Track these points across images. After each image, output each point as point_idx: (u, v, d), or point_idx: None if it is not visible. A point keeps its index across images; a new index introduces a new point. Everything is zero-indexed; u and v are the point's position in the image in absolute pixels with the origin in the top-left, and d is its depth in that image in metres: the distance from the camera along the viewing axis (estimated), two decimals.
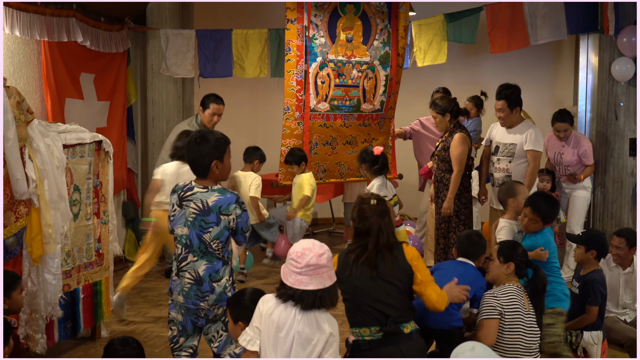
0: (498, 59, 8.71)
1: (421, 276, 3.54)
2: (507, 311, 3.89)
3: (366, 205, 3.57)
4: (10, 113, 3.98)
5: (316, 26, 7.03)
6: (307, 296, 2.95)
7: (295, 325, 2.95)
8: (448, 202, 6.10)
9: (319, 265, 2.97)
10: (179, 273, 3.68)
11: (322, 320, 2.99)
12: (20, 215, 4.18)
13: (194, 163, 3.70)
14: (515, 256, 4.08)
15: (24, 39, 5.76)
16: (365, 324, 3.47)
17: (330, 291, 3.01)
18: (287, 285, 2.98)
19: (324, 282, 2.98)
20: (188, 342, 3.75)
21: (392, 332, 3.44)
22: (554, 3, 7.12)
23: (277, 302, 3.02)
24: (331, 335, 2.99)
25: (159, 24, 7.62)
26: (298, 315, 2.97)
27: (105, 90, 7.09)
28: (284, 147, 7.13)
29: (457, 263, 4.23)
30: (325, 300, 2.99)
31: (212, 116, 6.73)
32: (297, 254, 2.99)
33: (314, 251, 2.98)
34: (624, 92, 7.10)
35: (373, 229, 3.51)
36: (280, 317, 2.98)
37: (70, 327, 4.91)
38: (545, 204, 4.54)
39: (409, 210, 9.35)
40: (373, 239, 3.50)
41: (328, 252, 3.03)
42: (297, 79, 7.05)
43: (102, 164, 5.15)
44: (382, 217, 3.54)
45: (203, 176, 3.70)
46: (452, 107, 6.20)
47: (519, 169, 6.08)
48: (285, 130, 7.13)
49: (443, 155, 6.22)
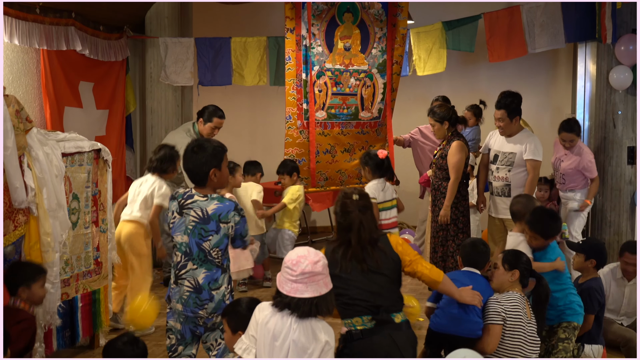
0: (496, 67, 8.73)
1: (409, 257, 3.60)
2: (510, 318, 3.89)
3: (348, 200, 3.59)
4: (9, 122, 3.98)
5: (313, 35, 7.05)
6: (303, 304, 2.95)
7: (291, 334, 2.95)
8: (445, 210, 6.12)
9: (315, 273, 2.97)
10: (177, 281, 3.67)
11: (318, 329, 2.99)
12: (18, 224, 4.18)
13: (191, 172, 3.70)
14: (520, 264, 4.09)
15: (23, 47, 5.76)
16: (357, 314, 3.47)
17: (327, 298, 3.01)
18: (283, 294, 2.98)
19: (319, 290, 2.98)
20: (186, 351, 3.74)
21: (384, 320, 3.45)
22: (552, 11, 7.15)
23: (273, 311, 3.01)
24: (327, 344, 2.99)
25: (158, 32, 7.63)
26: (294, 324, 2.96)
27: (104, 98, 7.10)
28: (286, 156, 7.14)
29: (465, 273, 4.21)
30: (321, 307, 2.99)
31: (213, 129, 6.71)
32: (292, 262, 2.99)
33: (309, 259, 2.99)
34: (622, 101, 7.11)
35: (354, 223, 3.54)
36: (276, 326, 2.97)
37: (69, 336, 4.89)
38: (543, 221, 4.54)
39: (408, 219, 9.35)
40: (355, 234, 3.53)
41: (323, 260, 3.04)
42: (297, 87, 7.07)
43: (101, 172, 5.15)
44: (364, 212, 3.57)
45: (201, 185, 3.70)
46: (450, 115, 6.21)
47: (518, 178, 6.08)
48: (287, 139, 7.15)
49: (440, 163, 6.24)
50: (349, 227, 3.55)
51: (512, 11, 7.26)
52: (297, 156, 7.17)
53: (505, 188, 6.13)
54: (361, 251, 3.51)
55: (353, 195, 3.60)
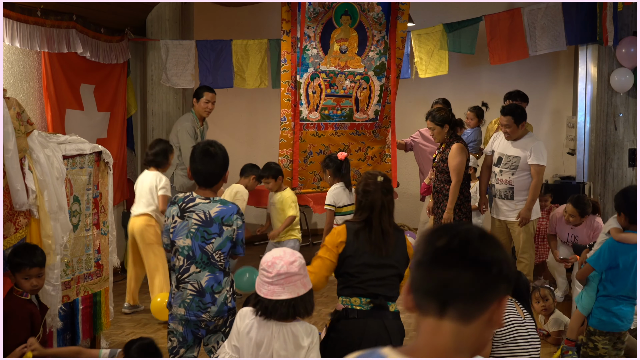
0: (496, 69, 8.73)
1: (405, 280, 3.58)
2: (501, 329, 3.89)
3: (371, 180, 3.52)
4: (10, 124, 3.98)
5: (309, 37, 7.06)
6: (280, 306, 2.90)
7: (274, 342, 2.92)
8: (448, 213, 6.12)
9: (290, 274, 2.92)
10: (179, 285, 3.66)
11: (299, 334, 2.95)
12: (19, 226, 4.17)
13: (210, 175, 3.69)
14: None
15: (24, 50, 5.77)
16: (356, 295, 3.43)
17: (305, 299, 2.96)
18: (261, 297, 2.94)
19: (297, 291, 2.93)
20: (188, 353, 3.75)
21: (381, 306, 3.43)
22: (553, 14, 7.15)
23: (254, 319, 2.97)
24: (310, 344, 2.96)
25: (159, 34, 7.63)
26: (275, 332, 2.92)
27: (105, 101, 7.10)
28: (281, 157, 7.15)
29: None
30: (299, 309, 2.95)
31: (207, 104, 7.03)
32: (267, 263, 2.94)
33: (285, 259, 2.93)
34: (623, 103, 7.11)
35: (376, 204, 3.46)
36: (258, 334, 2.94)
37: (70, 338, 4.88)
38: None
39: (409, 221, 9.34)
40: (377, 215, 3.45)
41: (300, 260, 2.97)
42: (292, 89, 7.10)
43: (102, 174, 5.15)
44: (386, 194, 3.50)
45: (210, 186, 3.70)
46: (450, 119, 6.22)
47: (522, 182, 6.06)
48: (282, 140, 7.17)
49: (441, 166, 6.23)
50: (370, 207, 3.47)
51: (513, 13, 7.26)
52: (292, 157, 7.20)
53: (508, 191, 6.12)
54: (382, 234, 3.45)
55: (378, 177, 3.52)
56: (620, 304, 4.45)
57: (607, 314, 4.48)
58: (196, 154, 3.71)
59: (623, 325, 4.47)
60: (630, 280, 4.39)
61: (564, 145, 9.04)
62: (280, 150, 7.18)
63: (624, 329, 4.49)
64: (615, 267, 4.40)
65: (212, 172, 3.69)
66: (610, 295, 4.47)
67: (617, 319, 4.45)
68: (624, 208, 4.42)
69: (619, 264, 4.39)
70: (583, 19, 7.15)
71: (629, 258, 4.37)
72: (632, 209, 4.37)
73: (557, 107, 9.42)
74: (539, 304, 5.38)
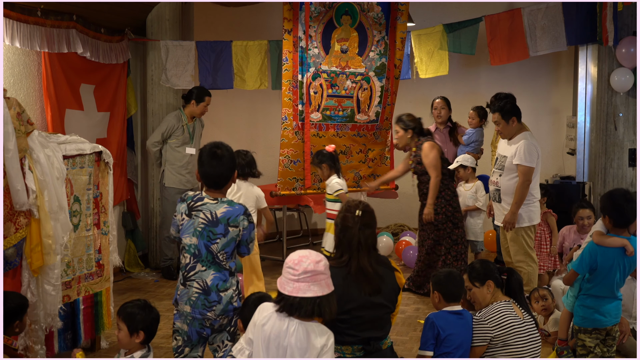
0: (496, 69, 8.74)
1: (397, 310, 3.55)
2: (501, 329, 3.91)
3: (350, 215, 3.42)
4: (10, 124, 3.98)
5: (310, 37, 7.05)
6: (305, 304, 2.90)
7: (288, 338, 2.92)
8: (428, 208, 6.32)
9: (317, 272, 2.94)
10: (185, 283, 3.68)
11: (315, 334, 2.95)
12: (20, 226, 4.18)
13: (219, 177, 3.70)
14: (489, 272, 4.08)
15: (24, 50, 5.77)
16: (348, 343, 3.37)
17: (329, 299, 2.97)
18: (285, 295, 2.94)
19: (322, 290, 2.94)
20: (193, 352, 3.75)
21: (374, 350, 3.40)
22: (553, 14, 7.15)
23: (273, 313, 2.97)
24: (323, 347, 2.95)
25: (159, 35, 7.63)
26: (291, 327, 2.92)
27: (105, 101, 7.10)
28: (282, 156, 7.14)
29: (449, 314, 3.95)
30: (324, 308, 2.94)
31: (205, 107, 7.35)
32: (294, 261, 2.96)
33: (311, 258, 2.95)
34: (623, 103, 7.12)
35: (353, 243, 3.38)
36: (273, 328, 2.94)
37: (70, 338, 4.89)
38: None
39: (409, 221, 9.36)
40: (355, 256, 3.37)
41: (325, 260, 3.00)
42: (294, 89, 7.08)
43: (102, 174, 5.15)
44: (364, 230, 3.40)
45: (219, 188, 3.72)
46: (415, 126, 6.47)
47: (508, 184, 5.76)
48: (283, 140, 7.14)
49: (419, 169, 6.40)
50: (348, 246, 3.39)
51: (513, 14, 7.27)
52: (292, 157, 7.17)
53: (496, 193, 5.87)
54: (363, 277, 3.35)
55: (357, 212, 3.41)
56: (601, 301, 4.44)
57: (589, 310, 4.46)
58: (204, 157, 3.71)
59: (607, 320, 4.45)
60: (609, 281, 4.38)
61: (564, 145, 9.05)
62: (281, 150, 7.16)
63: (609, 324, 4.46)
64: (595, 268, 4.38)
65: (221, 175, 3.70)
66: (590, 294, 4.46)
67: (599, 314, 4.43)
68: (610, 210, 4.36)
69: (597, 266, 4.36)
70: (583, 19, 7.15)
71: (607, 260, 4.34)
72: (617, 212, 4.32)
73: (557, 107, 9.42)
74: (538, 304, 5.38)
